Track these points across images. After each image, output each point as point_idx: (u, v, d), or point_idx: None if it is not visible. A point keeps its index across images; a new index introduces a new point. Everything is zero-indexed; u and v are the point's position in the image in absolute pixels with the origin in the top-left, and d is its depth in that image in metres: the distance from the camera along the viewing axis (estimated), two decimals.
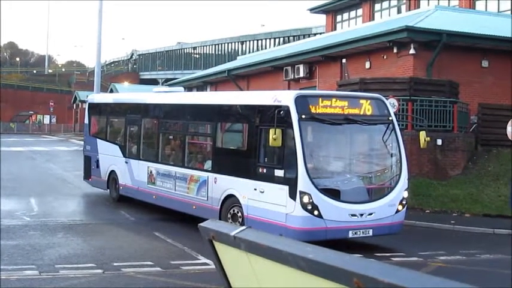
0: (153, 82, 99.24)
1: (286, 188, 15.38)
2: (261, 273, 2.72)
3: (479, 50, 27.58)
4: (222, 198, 17.79)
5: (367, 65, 29.19)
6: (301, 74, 32.88)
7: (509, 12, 34.22)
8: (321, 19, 50.83)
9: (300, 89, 31.81)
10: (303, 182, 15.12)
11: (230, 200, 17.54)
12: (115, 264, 14.11)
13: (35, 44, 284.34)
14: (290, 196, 15.26)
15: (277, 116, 15.24)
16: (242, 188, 17.01)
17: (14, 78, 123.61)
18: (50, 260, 14.51)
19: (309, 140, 16.02)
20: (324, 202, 15.26)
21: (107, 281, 12.93)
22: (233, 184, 17.43)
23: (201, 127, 20.95)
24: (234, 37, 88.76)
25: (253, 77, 38.77)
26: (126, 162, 23.50)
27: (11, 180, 30.60)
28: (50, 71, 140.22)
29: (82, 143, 32.99)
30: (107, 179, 24.78)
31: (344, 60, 30.28)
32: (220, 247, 2.98)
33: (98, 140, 26.28)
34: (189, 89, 46.44)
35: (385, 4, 42.50)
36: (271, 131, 15.10)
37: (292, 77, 33.65)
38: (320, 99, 16.05)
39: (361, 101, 16.61)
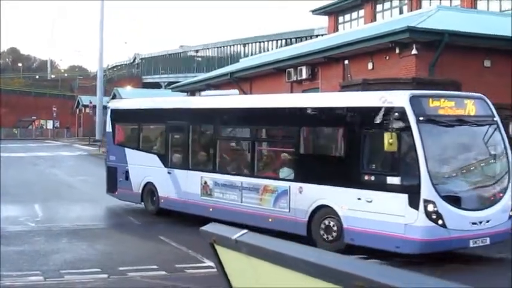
0: (156, 86, 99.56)
1: (405, 196, 14.23)
2: (263, 276, 2.72)
3: (481, 50, 27.52)
4: (311, 209, 16.42)
5: (370, 65, 29.15)
6: (304, 76, 32.85)
7: (511, 11, 34.16)
8: (323, 20, 50.84)
9: (303, 91, 31.85)
10: (427, 190, 14.06)
11: (322, 211, 16.21)
12: (120, 268, 14.10)
13: (37, 49, 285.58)
14: (411, 205, 14.13)
15: (390, 118, 14.48)
16: (340, 197, 15.71)
17: (17, 84, 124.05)
18: (54, 265, 14.52)
19: (428, 144, 14.50)
20: (448, 210, 14.23)
21: (112, 286, 12.95)
22: (326, 194, 16.09)
23: (278, 133, 19.44)
24: (237, 39, 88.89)
25: (256, 79, 38.74)
26: (169, 173, 21.48)
27: (15, 186, 30.61)
28: (52, 76, 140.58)
29: (86, 147, 33.05)
30: (141, 191, 22.73)
31: (346, 62, 30.24)
32: (221, 251, 2.98)
33: (126, 149, 23.95)
34: (191, 92, 46.47)
35: (387, 5, 42.48)
36: (386, 135, 14.07)
37: (295, 79, 33.61)
38: (430, 99, 15.16)
39: (466, 101, 15.85)
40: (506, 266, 14.62)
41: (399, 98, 14.74)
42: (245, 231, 2.85)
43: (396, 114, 14.41)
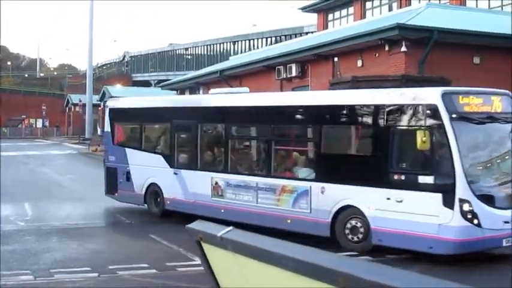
0: (146, 84, 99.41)
1: (439, 195, 13.95)
2: (249, 273, 2.71)
3: (470, 47, 27.58)
4: (335, 210, 15.95)
5: (359, 63, 29.16)
6: (294, 73, 32.82)
7: (500, 9, 34.28)
8: (313, 18, 50.83)
9: (293, 88, 31.87)
10: (462, 189, 13.81)
11: (347, 212, 15.79)
12: (110, 267, 14.07)
13: (26, 48, 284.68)
14: (445, 205, 13.86)
15: (421, 116, 14.27)
16: (366, 197, 15.31)
17: (6, 83, 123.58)
18: (45, 264, 14.49)
19: (461, 142, 14.18)
20: (482, 209, 13.94)
21: (102, 285, 12.92)
22: (351, 194, 15.64)
23: (300, 132, 18.77)
24: (226, 37, 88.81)
25: (245, 77, 38.69)
26: (176, 174, 20.70)
27: (5, 185, 30.49)
28: (41, 74, 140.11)
29: (75, 146, 33.01)
30: (144, 192, 21.84)
31: (336, 59, 30.24)
32: (208, 248, 2.97)
33: (127, 149, 22.96)
34: (181, 90, 46.42)
35: (376, 2, 42.48)
36: (419, 133, 13.90)
37: (284, 77, 33.60)
38: (460, 96, 14.79)
39: (493, 98, 15.43)
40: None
41: (431, 95, 14.44)
42: (230, 228, 2.83)
43: (428, 111, 14.16)
